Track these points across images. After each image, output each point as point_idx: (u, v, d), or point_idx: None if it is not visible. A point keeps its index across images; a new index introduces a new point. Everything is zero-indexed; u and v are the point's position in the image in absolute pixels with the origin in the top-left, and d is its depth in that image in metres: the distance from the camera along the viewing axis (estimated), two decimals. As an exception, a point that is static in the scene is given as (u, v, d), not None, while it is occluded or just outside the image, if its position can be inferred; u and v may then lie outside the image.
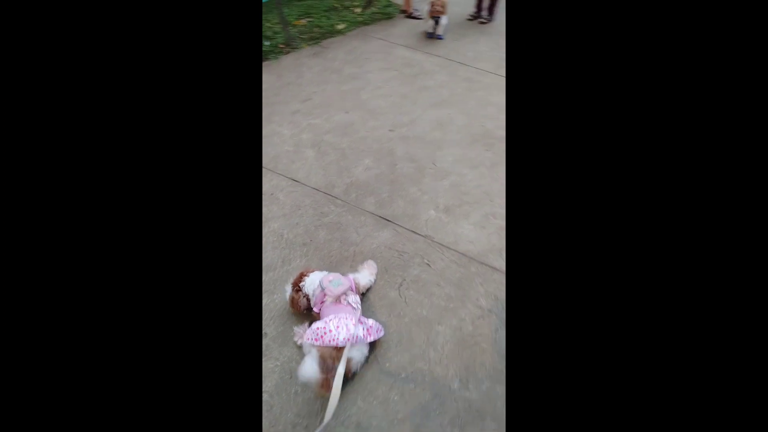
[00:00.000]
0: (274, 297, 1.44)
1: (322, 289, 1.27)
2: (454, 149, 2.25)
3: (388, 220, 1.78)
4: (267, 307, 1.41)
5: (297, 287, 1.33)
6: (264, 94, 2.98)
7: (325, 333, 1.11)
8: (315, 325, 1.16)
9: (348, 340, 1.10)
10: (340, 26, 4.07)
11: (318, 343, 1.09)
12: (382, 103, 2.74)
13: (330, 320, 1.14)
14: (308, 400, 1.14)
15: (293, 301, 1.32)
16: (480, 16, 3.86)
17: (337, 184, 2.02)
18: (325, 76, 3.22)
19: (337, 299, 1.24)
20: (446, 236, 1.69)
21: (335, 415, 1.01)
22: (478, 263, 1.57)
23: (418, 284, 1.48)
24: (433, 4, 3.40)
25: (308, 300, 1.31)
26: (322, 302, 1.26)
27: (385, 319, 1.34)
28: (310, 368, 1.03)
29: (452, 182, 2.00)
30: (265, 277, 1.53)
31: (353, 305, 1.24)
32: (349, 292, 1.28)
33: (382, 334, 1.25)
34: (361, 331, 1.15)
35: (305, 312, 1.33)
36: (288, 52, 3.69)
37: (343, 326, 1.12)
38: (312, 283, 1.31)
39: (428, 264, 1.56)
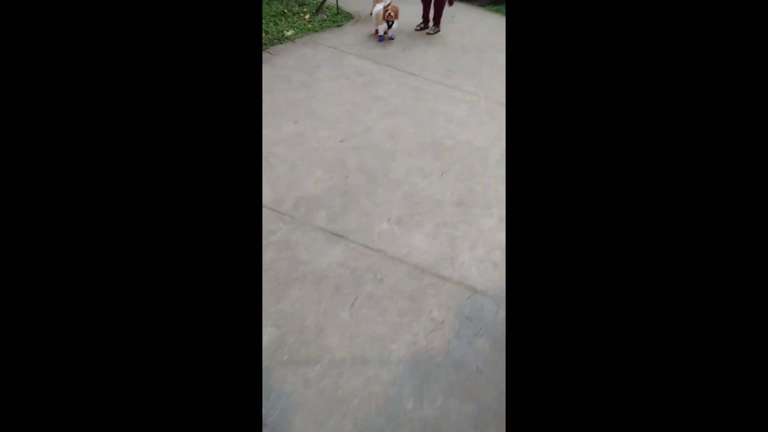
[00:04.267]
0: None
1: None
2: (406, 159, 2.22)
3: (339, 236, 1.70)
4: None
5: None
6: (207, 103, 2.76)
7: None
8: None
9: None
10: (289, 33, 3.92)
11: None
12: (334, 111, 2.66)
13: None
14: None
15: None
16: (427, 27, 3.90)
17: (286, 199, 1.90)
18: (273, 84, 3.06)
19: None
20: (399, 249, 1.64)
21: None
22: (431, 274, 1.54)
23: (371, 301, 1.41)
24: (386, 10, 3.44)
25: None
26: None
27: (336, 343, 1.26)
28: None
29: (404, 192, 1.96)
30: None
31: None
32: None
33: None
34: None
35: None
36: (234, 59, 3.47)
37: None
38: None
39: (381, 279, 1.50)
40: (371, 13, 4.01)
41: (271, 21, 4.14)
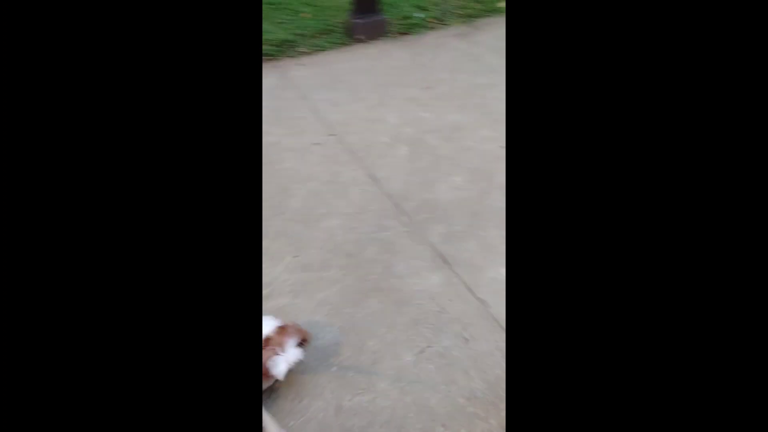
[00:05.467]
0: (298, 300, 1.35)
1: None
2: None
3: (446, 262, 1.45)
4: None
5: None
6: (390, 73, 2.77)
7: None
8: None
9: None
10: (500, 4, 3.45)
11: None
12: (509, 109, 2.23)
13: None
14: None
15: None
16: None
17: (412, 197, 1.74)
18: (461, 63, 2.80)
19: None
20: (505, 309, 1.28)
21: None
22: (534, 367, 1.14)
23: (444, 360, 1.16)
24: None
25: None
26: None
27: (384, 387, 1.10)
28: None
29: (550, 240, 1.49)
30: (306, 276, 1.43)
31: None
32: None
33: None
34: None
35: None
36: (434, 28, 3.33)
37: None
38: None
39: (467, 340, 1.21)
40: None
41: (489, -11, 3.72)
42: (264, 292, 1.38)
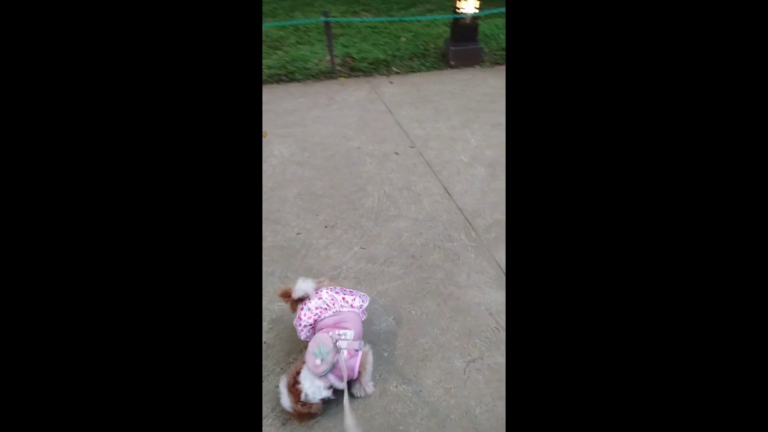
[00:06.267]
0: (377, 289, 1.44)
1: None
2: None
3: (510, 282, 1.43)
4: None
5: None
6: (479, 99, 2.85)
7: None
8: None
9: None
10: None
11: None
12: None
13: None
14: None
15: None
16: None
17: (484, 215, 1.76)
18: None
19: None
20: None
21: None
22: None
23: (493, 374, 1.15)
24: None
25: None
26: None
27: (431, 383, 1.12)
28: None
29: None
30: (370, 267, 1.54)
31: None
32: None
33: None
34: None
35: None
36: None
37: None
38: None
39: (522, 361, 1.18)
40: None
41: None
42: (332, 273, 1.51)
